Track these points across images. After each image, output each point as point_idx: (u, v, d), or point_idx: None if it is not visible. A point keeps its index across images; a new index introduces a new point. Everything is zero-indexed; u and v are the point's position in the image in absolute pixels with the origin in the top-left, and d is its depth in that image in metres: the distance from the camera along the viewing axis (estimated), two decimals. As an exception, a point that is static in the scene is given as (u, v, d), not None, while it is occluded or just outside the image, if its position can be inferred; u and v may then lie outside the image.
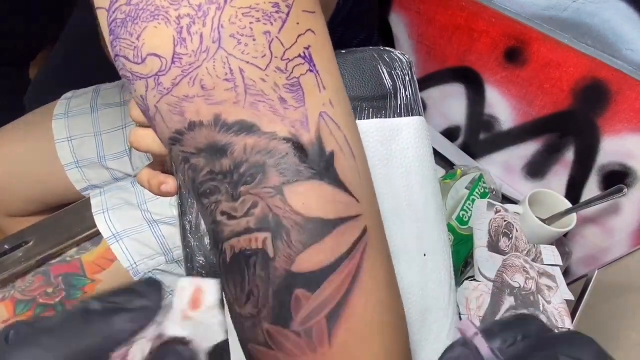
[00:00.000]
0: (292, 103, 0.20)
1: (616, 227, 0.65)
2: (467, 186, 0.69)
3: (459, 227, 0.64)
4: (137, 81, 0.20)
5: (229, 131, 0.20)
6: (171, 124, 0.21)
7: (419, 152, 0.34)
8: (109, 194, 0.57)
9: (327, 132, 0.21)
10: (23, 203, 0.67)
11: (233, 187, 0.20)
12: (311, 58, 0.21)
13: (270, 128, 0.20)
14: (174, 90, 0.20)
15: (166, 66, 0.19)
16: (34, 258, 0.50)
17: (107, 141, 0.66)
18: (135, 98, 0.21)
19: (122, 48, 0.20)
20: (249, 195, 0.20)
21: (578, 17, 0.56)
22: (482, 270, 0.56)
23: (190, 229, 0.30)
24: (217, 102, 0.20)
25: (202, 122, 0.20)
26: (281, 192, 0.20)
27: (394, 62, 0.35)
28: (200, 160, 0.21)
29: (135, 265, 0.53)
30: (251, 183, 0.20)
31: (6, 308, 0.49)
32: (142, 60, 0.20)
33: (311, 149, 0.20)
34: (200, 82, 0.19)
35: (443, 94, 0.81)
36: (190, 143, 0.20)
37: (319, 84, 0.21)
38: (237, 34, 0.19)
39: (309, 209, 0.20)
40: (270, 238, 0.20)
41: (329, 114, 0.21)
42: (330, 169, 0.21)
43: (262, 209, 0.20)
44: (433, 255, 0.34)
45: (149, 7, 0.19)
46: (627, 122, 0.58)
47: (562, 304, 0.55)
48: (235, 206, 0.20)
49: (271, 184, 0.20)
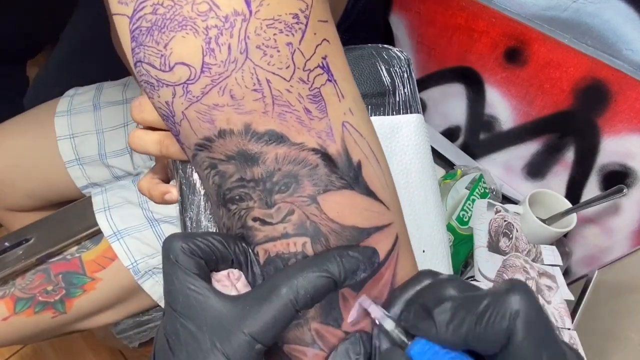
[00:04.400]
0: (316, 114, 0.21)
1: (616, 227, 0.65)
2: (467, 186, 0.69)
3: (459, 227, 0.64)
4: (162, 88, 0.21)
5: (259, 140, 0.21)
6: (200, 130, 0.21)
7: (418, 149, 0.35)
8: (110, 192, 0.57)
9: (351, 141, 0.22)
10: (23, 198, 0.67)
11: (267, 194, 0.21)
12: (329, 68, 0.22)
13: (299, 139, 0.21)
14: (203, 99, 0.20)
15: (195, 75, 0.20)
16: (34, 256, 0.50)
17: (109, 139, 0.66)
18: (157, 103, 0.22)
19: (146, 55, 0.20)
20: (284, 203, 0.21)
21: (578, 17, 0.56)
22: (482, 270, 0.56)
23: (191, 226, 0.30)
24: (247, 112, 0.20)
25: (232, 130, 0.21)
26: (316, 200, 0.21)
27: (392, 60, 0.35)
28: (230, 167, 0.21)
29: (136, 264, 0.53)
30: (285, 192, 0.21)
31: (6, 305, 0.49)
32: (169, 69, 0.20)
33: (339, 160, 0.21)
34: (230, 92, 0.20)
35: (443, 94, 0.81)
36: (219, 150, 0.21)
37: (337, 93, 0.22)
38: (262, 45, 0.20)
39: (344, 218, 0.21)
40: (309, 242, 0.21)
41: (351, 123, 0.22)
42: (359, 178, 0.22)
43: (299, 216, 0.21)
44: (432, 251, 0.34)
45: (176, 17, 0.19)
46: (627, 122, 0.58)
47: (562, 304, 0.55)
48: (270, 212, 0.21)
49: (305, 193, 0.21)
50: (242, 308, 0.19)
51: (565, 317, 0.53)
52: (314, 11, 0.21)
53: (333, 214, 0.21)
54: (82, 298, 0.52)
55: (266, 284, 0.20)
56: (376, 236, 0.22)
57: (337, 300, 0.21)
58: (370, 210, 0.22)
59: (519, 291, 0.17)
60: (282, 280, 0.19)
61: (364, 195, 0.22)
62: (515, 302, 0.17)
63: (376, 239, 0.22)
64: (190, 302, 0.19)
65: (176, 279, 0.19)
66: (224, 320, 0.19)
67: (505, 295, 0.17)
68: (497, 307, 0.17)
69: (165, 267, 0.20)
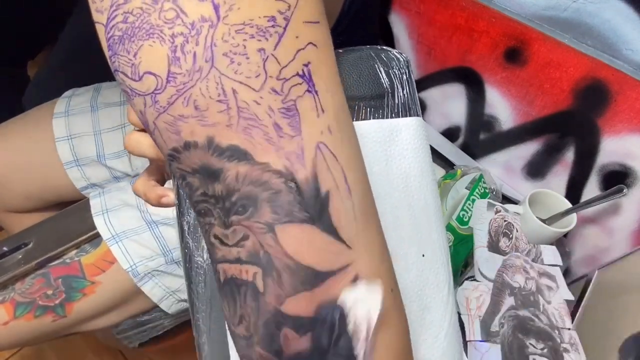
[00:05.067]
0: (287, 131, 0.19)
1: (616, 227, 0.65)
2: (467, 186, 0.69)
3: (459, 227, 0.64)
4: (135, 97, 0.20)
5: (221, 156, 0.19)
6: (168, 141, 0.20)
7: (418, 152, 0.34)
8: (108, 195, 0.57)
9: (323, 167, 0.20)
10: (22, 199, 0.67)
11: (225, 214, 0.20)
12: (310, 77, 0.20)
13: (263, 158, 0.19)
14: (169, 109, 0.19)
15: (162, 85, 0.19)
16: (33, 260, 0.50)
17: (107, 140, 0.66)
18: (135, 112, 0.21)
19: (120, 64, 0.20)
20: (240, 226, 0.20)
21: (578, 17, 0.56)
22: (482, 270, 0.56)
23: (188, 229, 0.30)
24: (211, 124, 0.19)
25: (196, 142, 0.19)
26: (272, 230, 0.19)
27: (391, 61, 0.35)
28: (195, 180, 0.20)
29: (135, 267, 0.53)
30: (242, 214, 0.19)
31: (6, 310, 0.49)
32: (139, 78, 0.19)
33: (306, 188, 0.19)
34: (194, 102, 0.19)
35: (443, 94, 0.81)
36: (185, 162, 0.20)
37: (317, 107, 0.20)
38: (230, 52, 0.18)
39: (301, 256, 0.19)
40: (260, 274, 0.20)
41: (327, 144, 0.20)
42: (324, 213, 0.20)
43: (253, 243, 0.20)
44: (432, 255, 0.34)
45: (144, 26, 0.19)
46: (627, 122, 0.58)
47: (562, 304, 0.55)
48: (226, 233, 0.20)
49: (262, 219, 0.19)
50: None
51: (565, 317, 0.53)
52: (298, 11, 0.19)
53: (290, 249, 0.19)
54: (82, 301, 0.52)
55: None
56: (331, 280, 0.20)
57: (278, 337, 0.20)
58: (330, 250, 0.20)
59: None
60: None
61: (324, 233, 0.20)
62: None
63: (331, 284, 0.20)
64: None
65: None
66: None
67: None
68: None
69: None
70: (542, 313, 0.53)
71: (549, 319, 0.52)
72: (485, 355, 0.48)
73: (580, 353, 0.49)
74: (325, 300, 0.20)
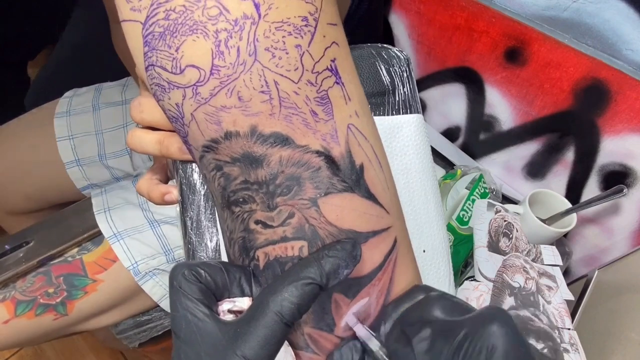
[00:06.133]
0: (322, 116, 0.21)
1: (616, 227, 0.65)
2: (467, 186, 0.69)
3: (459, 227, 0.64)
4: (173, 90, 0.21)
5: (264, 142, 0.21)
6: (207, 132, 0.21)
7: (418, 149, 0.35)
8: (110, 193, 0.57)
9: (355, 144, 0.22)
10: (23, 200, 0.67)
11: (269, 197, 0.21)
12: (337, 70, 0.22)
13: (303, 141, 0.21)
14: (211, 100, 0.20)
15: (205, 77, 0.20)
16: (34, 258, 0.50)
17: (108, 140, 0.66)
18: (166, 105, 0.22)
19: (158, 59, 0.21)
20: (286, 205, 0.21)
21: (578, 17, 0.56)
22: (482, 270, 0.56)
23: (191, 225, 0.30)
24: (254, 114, 0.20)
25: (238, 132, 0.21)
26: (316, 203, 0.21)
27: (391, 59, 0.35)
28: (235, 169, 0.22)
29: (136, 265, 0.53)
30: (287, 194, 0.21)
31: (7, 308, 0.49)
32: (180, 71, 0.20)
33: (342, 162, 0.22)
34: (238, 94, 0.20)
35: (443, 94, 0.81)
36: (225, 152, 0.21)
37: (344, 96, 0.22)
38: (271, 47, 0.20)
39: (342, 221, 0.21)
40: (307, 246, 0.21)
41: (356, 126, 0.22)
42: (361, 181, 0.22)
43: (299, 219, 0.21)
44: (432, 251, 0.35)
45: (187, 22, 0.20)
46: (627, 122, 0.58)
47: (562, 304, 0.55)
48: (271, 215, 0.21)
49: (306, 195, 0.21)
50: (234, 330, 0.19)
51: (565, 317, 0.53)
52: (323, 14, 0.21)
53: (332, 217, 0.21)
54: (84, 300, 0.52)
55: (254, 303, 0.20)
56: (374, 240, 0.22)
57: (329, 306, 0.21)
58: (369, 213, 0.22)
59: (498, 323, 0.17)
60: (267, 295, 0.19)
61: (364, 199, 0.22)
62: (493, 336, 0.16)
63: (374, 243, 0.22)
64: (190, 329, 0.19)
65: (179, 304, 0.19)
66: (219, 344, 0.19)
67: (483, 327, 0.17)
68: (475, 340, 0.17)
69: (170, 294, 0.20)
70: (542, 313, 0.53)
71: (549, 319, 0.52)
72: (486, 354, 0.48)
73: (580, 353, 0.49)
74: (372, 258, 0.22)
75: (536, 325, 0.51)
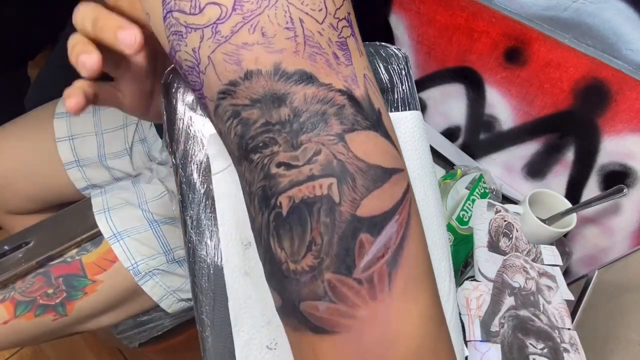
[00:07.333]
0: (342, 60, 0.21)
1: (616, 227, 0.65)
2: (467, 186, 0.69)
3: (459, 227, 0.64)
4: (190, 33, 0.21)
5: (288, 80, 0.20)
6: (224, 74, 0.21)
7: (417, 145, 0.35)
8: (109, 194, 0.57)
9: (372, 90, 0.22)
10: (23, 200, 0.67)
11: (293, 135, 0.20)
12: (352, 24, 0.22)
13: (327, 80, 0.21)
14: (232, 38, 0.20)
15: (226, 13, 0.20)
16: (34, 259, 0.50)
17: (108, 140, 0.66)
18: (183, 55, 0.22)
19: (177, 2, 0.20)
20: (311, 142, 0.20)
21: (578, 17, 0.56)
22: (482, 270, 0.56)
23: (191, 224, 0.30)
24: (278, 50, 0.20)
25: (260, 70, 0.20)
26: (343, 139, 0.20)
27: (390, 57, 0.35)
28: (254, 112, 0.21)
29: (136, 265, 0.53)
30: (312, 131, 0.20)
31: (6, 309, 0.49)
32: (199, 10, 0.20)
33: (364, 103, 0.22)
34: (262, 29, 0.20)
35: (443, 94, 0.81)
36: (244, 94, 0.21)
37: (358, 48, 0.22)
38: None
39: (369, 156, 0.21)
40: (336, 183, 0.20)
41: (369, 77, 0.23)
42: (381, 122, 0.22)
43: (326, 155, 0.20)
44: (432, 245, 0.34)
45: None
46: (627, 122, 0.58)
47: (562, 304, 0.55)
48: (295, 155, 0.20)
49: (333, 131, 0.20)
50: None
51: (565, 317, 0.53)
52: None
53: (359, 152, 0.21)
54: (83, 300, 0.52)
55: None
56: (395, 177, 0.22)
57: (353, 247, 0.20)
58: (390, 153, 0.22)
59: None
60: None
61: (384, 138, 0.22)
62: None
63: (396, 180, 0.21)
64: None
65: None
66: None
67: None
68: None
69: None
70: (542, 313, 0.53)
71: (549, 319, 0.52)
72: (485, 355, 0.48)
73: (580, 353, 0.49)
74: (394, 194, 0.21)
75: (536, 325, 0.51)
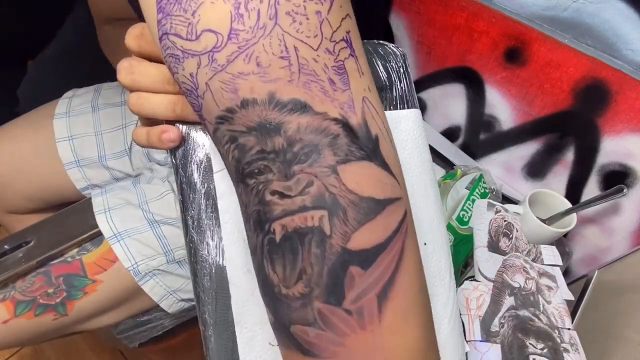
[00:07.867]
0: (339, 85, 0.21)
1: (616, 227, 0.65)
2: (467, 186, 0.69)
3: (459, 227, 0.64)
4: (187, 59, 0.20)
5: (282, 109, 0.20)
6: (222, 101, 0.21)
7: (417, 143, 0.35)
8: (110, 194, 0.57)
9: (370, 115, 0.22)
10: (23, 200, 0.67)
11: (286, 165, 0.20)
12: (351, 43, 0.22)
13: (321, 108, 0.20)
14: (228, 67, 0.20)
15: (222, 42, 0.19)
16: (34, 258, 0.50)
17: (108, 140, 0.66)
18: (180, 77, 0.22)
19: (173, 25, 0.20)
20: (304, 174, 0.20)
21: (578, 17, 0.56)
22: (482, 270, 0.56)
23: (192, 224, 0.30)
24: (272, 80, 0.20)
25: (255, 99, 0.20)
26: (335, 171, 0.20)
27: (388, 55, 0.35)
28: (250, 139, 0.21)
29: (136, 265, 0.53)
30: (305, 162, 0.20)
31: (6, 308, 0.49)
32: (196, 37, 0.20)
33: (359, 131, 0.21)
34: (256, 59, 0.20)
35: (443, 94, 0.81)
36: (241, 121, 0.21)
37: (358, 69, 0.22)
38: (292, 11, 0.19)
39: (362, 188, 0.21)
40: (327, 215, 0.20)
41: (369, 99, 0.22)
42: (377, 151, 0.22)
43: (318, 187, 0.20)
44: (433, 244, 0.34)
45: None
46: (627, 122, 0.58)
47: (562, 304, 0.55)
48: (289, 185, 0.21)
49: (325, 163, 0.20)
50: None
51: (565, 317, 0.53)
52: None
53: (352, 185, 0.20)
54: (83, 300, 0.52)
55: None
56: (390, 208, 0.21)
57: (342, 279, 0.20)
58: (385, 182, 0.22)
59: None
60: None
61: (380, 168, 0.22)
62: None
63: (390, 210, 0.21)
64: None
65: None
66: None
67: None
68: None
69: None
70: (542, 313, 0.53)
71: (549, 319, 0.52)
72: (485, 355, 0.48)
73: (580, 353, 0.49)
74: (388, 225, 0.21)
75: (536, 325, 0.51)
